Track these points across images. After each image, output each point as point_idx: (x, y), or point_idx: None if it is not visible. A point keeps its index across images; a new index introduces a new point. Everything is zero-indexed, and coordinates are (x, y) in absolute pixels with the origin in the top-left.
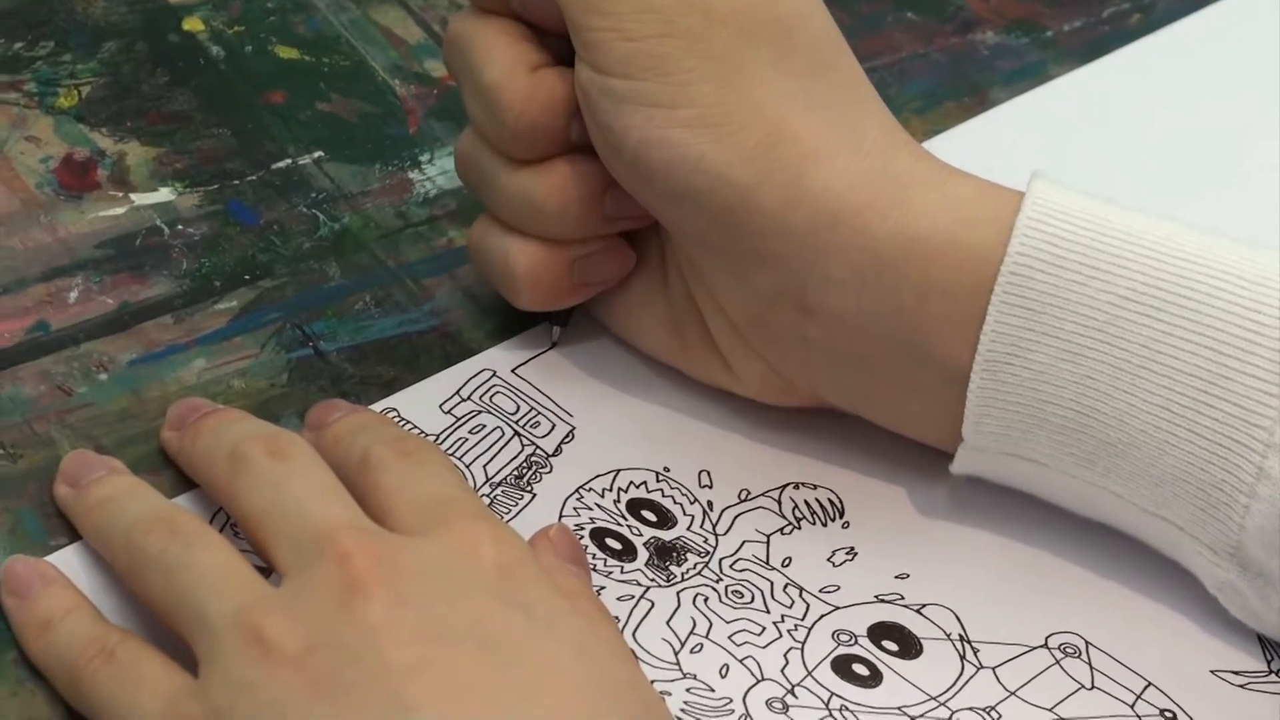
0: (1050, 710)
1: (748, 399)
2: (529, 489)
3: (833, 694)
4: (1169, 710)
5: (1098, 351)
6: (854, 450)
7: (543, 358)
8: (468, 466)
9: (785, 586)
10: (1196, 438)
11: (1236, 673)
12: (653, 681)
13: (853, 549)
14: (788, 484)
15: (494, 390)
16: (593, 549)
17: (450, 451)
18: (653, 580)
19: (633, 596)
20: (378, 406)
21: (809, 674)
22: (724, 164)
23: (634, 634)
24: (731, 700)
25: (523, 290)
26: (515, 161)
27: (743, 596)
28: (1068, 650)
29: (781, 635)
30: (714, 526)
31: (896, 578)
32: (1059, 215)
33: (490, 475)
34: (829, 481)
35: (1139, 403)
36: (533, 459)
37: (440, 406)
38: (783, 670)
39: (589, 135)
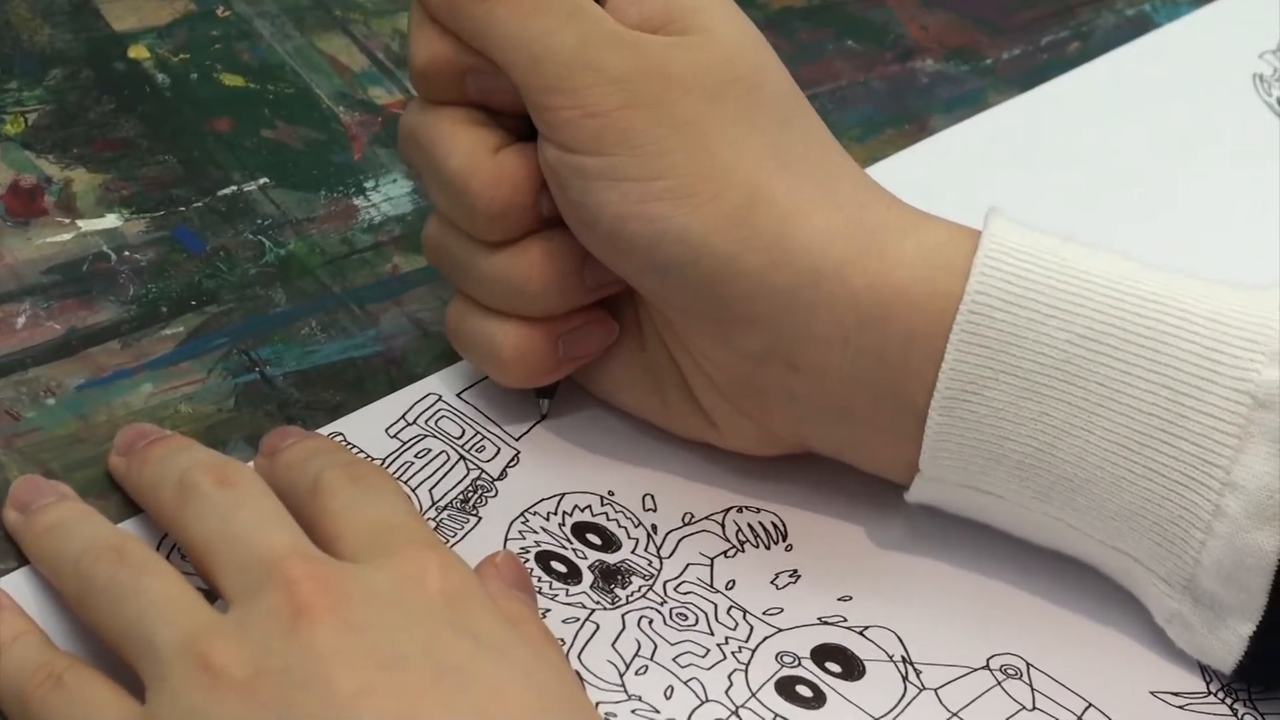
0: None
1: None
2: (474, 513)
3: (776, 715)
4: None
5: (1055, 390)
6: (797, 474)
7: (489, 381)
8: (414, 490)
9: (729, 609)
10: (1154, 474)
11: (1176, 694)
12: (598, 703)
13: (795, 571)
14: (731, 507)
15: (439, 414)
16: (538, 572)
17: (396, 475)
18: (598, 603)
19: (578, 619)
20: (324, 431)
21: (753, 695)
22: (704, 233)
23: (579, 656)
24: None
25: (511, 371)
26: (489, 244)
27: (687, 619)
28: (1009, 672)
29: (725, 657)
30: (658, 549)
31: (839, 600)
32: (1016, 254)
33: (436, 499)
34: (772, 505)
35: (1096, 440)
36: (478, 483)
37: (386, 431)
38: (727, 692)
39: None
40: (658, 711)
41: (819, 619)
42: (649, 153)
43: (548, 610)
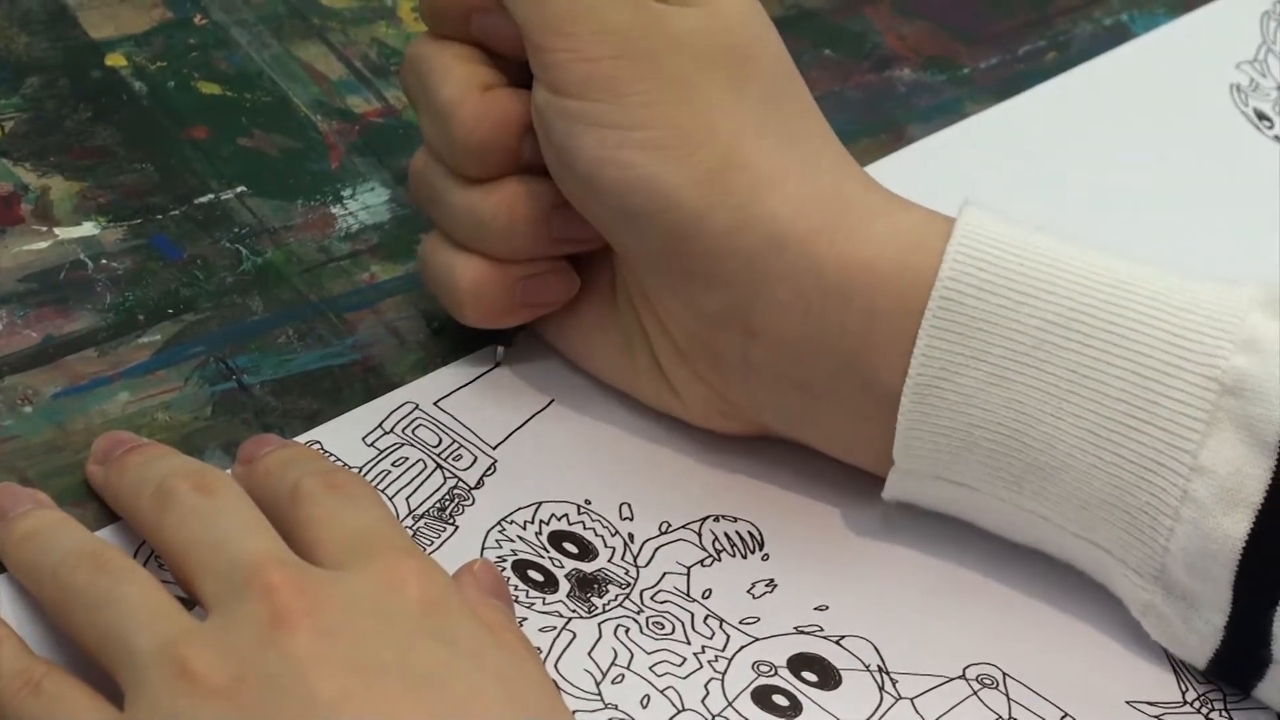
0: None
1: (672, 431)
2: (451, 521)
3: None
4: None
5: (1026, 375)
6: (774, 483)
7: (466, 390)
8: (390, 499)
9: (706, 618)
10: (1123, 461)
11: (1152, 703)
12: (575, 712)
13: (772, 581)
14: (708, 516)
15: (416, 423)
16: (515, 581)
17: (373, 484)
18: (574, 612)
19: (554, 628)
20: (301, 439)
21: (729, 704)
22: (674, 186)
23: (556, 665)
24: None
25: (466, 305)
26: (466, 180)
27: (664, 628)
28: (985, 681)
29: (702, 666)
30: (635, 558)
31: (815, 609)
32: (989, 241)
33: (413, 507)
34: (749, 514)
35: (1066, 426)
36: (455, 491)
37: (363, 439)
38: (703, 700)
39: (541, 155)
40: None
41: (795, 628)
42: (633, 103)
43: (524, 619)
